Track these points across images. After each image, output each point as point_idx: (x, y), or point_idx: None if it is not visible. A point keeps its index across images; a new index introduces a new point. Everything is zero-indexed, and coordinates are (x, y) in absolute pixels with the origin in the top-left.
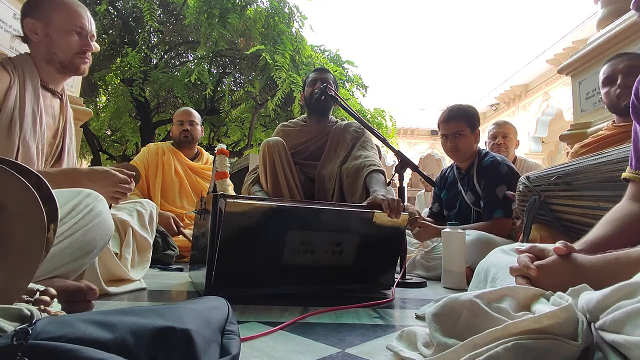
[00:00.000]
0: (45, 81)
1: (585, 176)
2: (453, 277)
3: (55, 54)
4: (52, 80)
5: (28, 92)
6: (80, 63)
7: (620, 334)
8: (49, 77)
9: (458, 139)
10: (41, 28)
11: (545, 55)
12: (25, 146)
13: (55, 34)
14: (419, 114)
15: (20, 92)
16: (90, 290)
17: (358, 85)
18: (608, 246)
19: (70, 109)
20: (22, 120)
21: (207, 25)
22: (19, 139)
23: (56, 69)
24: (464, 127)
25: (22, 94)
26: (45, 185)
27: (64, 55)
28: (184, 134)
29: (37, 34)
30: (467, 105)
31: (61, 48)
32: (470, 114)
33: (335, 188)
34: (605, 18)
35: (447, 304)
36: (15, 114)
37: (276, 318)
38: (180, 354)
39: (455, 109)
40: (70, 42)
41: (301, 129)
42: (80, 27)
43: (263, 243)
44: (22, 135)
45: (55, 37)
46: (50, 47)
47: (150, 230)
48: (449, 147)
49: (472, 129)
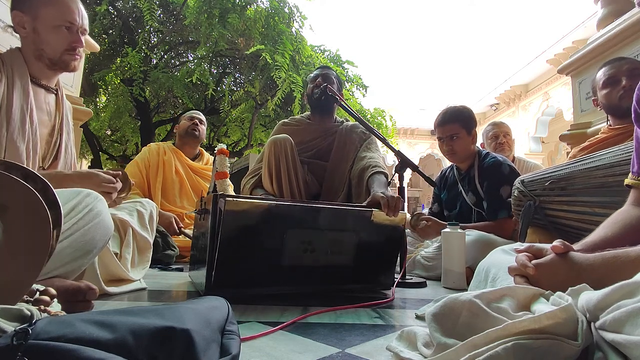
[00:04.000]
0: (36, 77)
1: (579, 181)
2: (453, 277)
3: (43, 50)
4: (44, 76)
5: (16, 89)
6: (70, 60)
7: (620, 334)
8: (40, 72)
9: (454, 142)
10: (29, 22)
11: (545, 55)
12: (12, 146)
13: (43, 29)
14: (419, 114)
15: (7, 89)
16: (90, 290)
17: (358, 85)
18: (608, 248)
19: (67, 104)
20: (8, 119)
21: (207, 25)
22: (5, 139)
23: (46, 65)
24: (460, 129)
25: (10, 91)
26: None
27: (52, 52)
28: (192, 127)
29: (25, 29)
30: (461, 107)
31: (49, 44)
32: (465, 115)
33: (344, 192)
34: (605, 18)
35: (447, 304)
36: (2, 113)
37: (276, 318)
38: (180, 353)
39: (450, 111)
40: (59, 38)
41: (306, 127)
42: (70, 22)
43: (263, 243)
44: (8, 135)
45: (43, 32)
46: (38, 43)
47: (151, 230)
48: (445, 150)
49: (468, 130)
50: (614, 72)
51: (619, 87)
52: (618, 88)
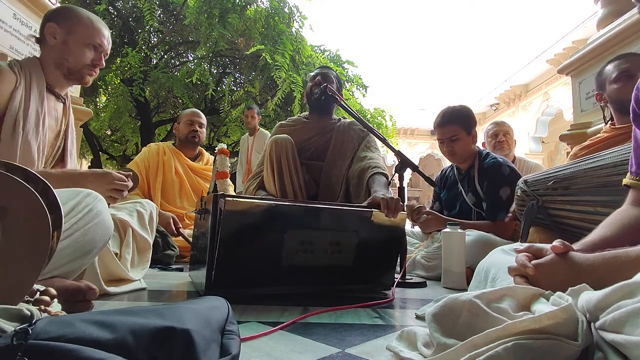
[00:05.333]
0: (51, 85)
1: (582, 180)
2: (453, 277)
3: (67, 59)
4: (58, 84)
5: (33, 93)
6: (87, 74)
7: (620, 334)
8: (55, 81)
9: (454, 143)
10: (61, 34)
11: (545, 55)
12: (26, 145)
13: (73, 43)
14: (419, 114)
15: (25, 93)
16: (90, 290)
17: (358, 85)
18: (607, 248)
19: (72, 113)
20: (25, 120)
21: (207, 25)
22: (21, 138)
23: (63, 74)
24: (459, 130)
25: (28, 95)
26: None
27: (74, 64)
28: (192, 134)
29: (56, 39)
30: (460, 107)
31: (74, 57)
32: (464, 116)
33: (341, 190)
34: (605, 18)
35: (447, 304)
36: (20, 114)
37: (276, 318)
38: (180, 353)
39: (449, 112)
40: (85, 54)
41: (303, 126)
42: (99, 44)
43: (263, 243)
44: (24, 135)
45: (72, 46)
46: (64, 53)
47: (150, 231)
48: (445, 151)
49: (468, 131)
50: (628, 67)
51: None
52: (632, 83)
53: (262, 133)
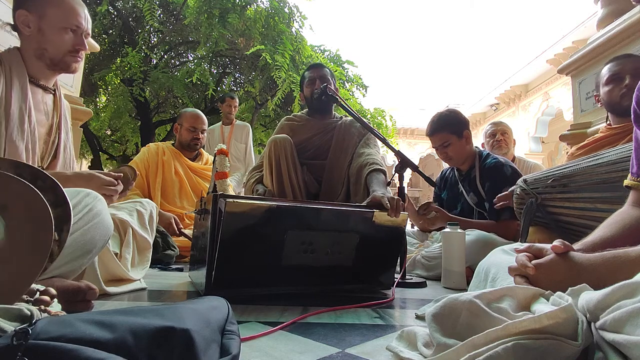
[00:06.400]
0: (34, 77)
1: (581, 178)
2: (453, 277)
3: (46, 49)
4: (42, 76)
5: (15, 89)
6: (71, 61)
7: (620, 334)
8: (39, 72)
9: (447, 149)
10: (34, 22)
11: (545, 55)
12: (11, 146)
13: (48, 29)
14: (419, 114)
15: (6, 89)
16: (90, 290)
17: (358, 85)
18: (607, 248)
19: (65, 104)
20: (7, 119)
21: (207, 25)
22: (4, 139)
23: (46, 65)
24: (449, 136)
25: (9, 91)
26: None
27: (55, 53)
28: (194, 142)
29: (29, 28)
30: (447, 112)
31: (53, 45)
32: (452, 121)
33: (343, 188)
34: (605, 18)
35: (447, 304)
36: (0, 112)
37: (276, 318)
38: (180, 354)
39: (436, 120)
40: (64, 39)
41: (305, 124)
42: (76, 26)
43: (263, 243)
44: (8, 135)
45: (48, 33)
46: (42, 43)
47: (150, 230)
48: (441, 157)
49: (458, 135)
50: (618, 70)
51: (622, 86)
52: (621, 86)
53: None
